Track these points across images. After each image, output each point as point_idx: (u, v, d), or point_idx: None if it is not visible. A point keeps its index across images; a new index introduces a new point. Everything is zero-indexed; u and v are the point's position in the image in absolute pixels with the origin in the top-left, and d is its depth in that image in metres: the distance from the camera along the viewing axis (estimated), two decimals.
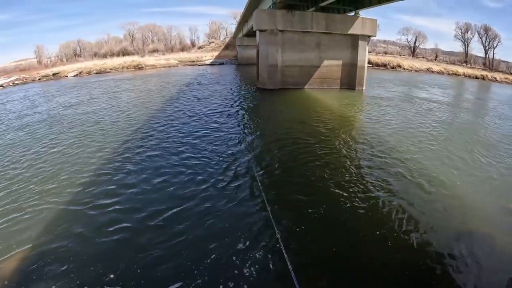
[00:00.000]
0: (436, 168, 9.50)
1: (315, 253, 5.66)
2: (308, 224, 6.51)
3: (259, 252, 5.65)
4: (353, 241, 6.01)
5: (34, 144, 12.16)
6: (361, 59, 24.73)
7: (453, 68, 50.53)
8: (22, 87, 34.08)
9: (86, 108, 18.80)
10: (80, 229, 6.55)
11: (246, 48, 49.35)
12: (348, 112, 17.00)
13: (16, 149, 11.70)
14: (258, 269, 5.24)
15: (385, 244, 5.87)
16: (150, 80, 31.79)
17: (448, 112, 18.59)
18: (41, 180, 8.86)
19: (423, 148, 11.29)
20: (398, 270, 5.23)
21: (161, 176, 8.83)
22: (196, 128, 13.27)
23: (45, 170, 9.53)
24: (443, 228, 6.44)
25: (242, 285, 4.94)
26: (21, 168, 9.88)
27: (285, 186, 8.27)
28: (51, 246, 6.03)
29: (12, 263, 5.66)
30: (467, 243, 6.00)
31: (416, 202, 7.42)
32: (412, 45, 69.87)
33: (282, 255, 5.57)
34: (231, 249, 5.72)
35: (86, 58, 63.81)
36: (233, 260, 5.44)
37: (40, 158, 10.62)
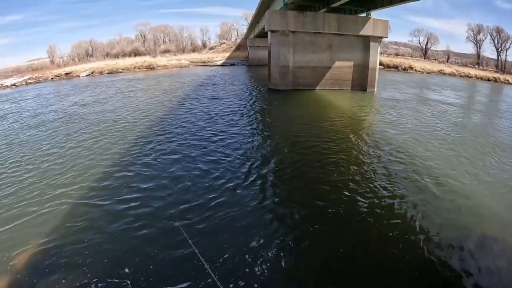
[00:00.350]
0: (450, 170, 9.46)
1: (326, 252, 5.73)
2: (318, 223, 6.58)
3: (272, 250, 5.75)
4: (365, 242, 6.05)
5: (52, 141, 12.43)
6: (373, 60, 24.63)
7: (465, 70, 49.94)
8: (35, 86, 34.60)
9: (102, 107, 19.13)
10: (97, 223, 6.73)
11: (257, 49, 49.46)
12: (359, 113, 17.00)
13: (35, 146, 11.99)
14: (269, 267, 5.33)
15: (396, 245, 5.90)
16: (162, 80, 32.10)
17: (461, 115, 18.42)
18: (59, 176, 9.10)
19: (436, 150, 11.24)
20: (408, 270, 5.27)
21: (176, 173, 9.03)
22: (210, 128, 13.44)
23: (63, 166, 9.77)
24: (455, 230, 6.43)
25: (253, 283, 5.02)
26: (39, 164, 10.13)
27: (296, 186, 8.37)
28: (67, 239, 6.21)
29: (29, 254, 5.85)
30: (479, 246, 5.99)
31: (429, 204, 7.42)
32: (423, 46, 69.35)
33: (293, 253, 5.70)
34: (243, 246, 5.83)
35: (98, 58, 64.57)
36: (246, 257, 5.54)
37: (58, 155, 10.88)
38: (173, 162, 9.80)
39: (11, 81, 38.58)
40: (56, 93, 27.33)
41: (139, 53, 60.80)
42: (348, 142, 11.72)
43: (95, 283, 5.09)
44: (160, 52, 61.04)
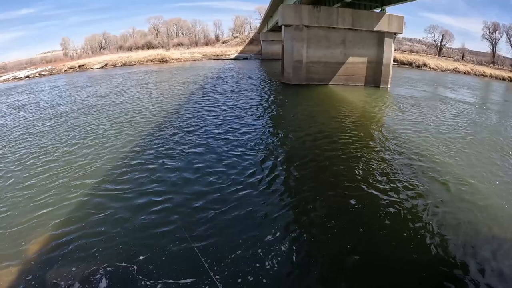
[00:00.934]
0: (468, 169, 9.40)
1: (339, 247, 5.82)
2: (334, 218, 6.68)
3: (285, 244, 5.86)
4: (379, 239, 6.09)
5: (72, 132, 12.80)
6: (387, 56, 24.38)
7: (480, 68, 49.05)
8: (49, 78, 35.21)
9: (120, 98, 19.55)
10: (115, 215, 6.92)
11: (270, 43, 49.26)
12: (373, 110, 16.95)
13: (55, 137, 12.36)
14: (281, 261, 5.45)
15: (410, 243, 5.95)
16: (177, 73, 32.40)
17: (477, 114, 18.14)
18: (79, 167, 9.38)
19: (454, 149, 11.15)
20: (419, 270, 5.31)
21: (197, 165, 9.23)
22: (227, 121, 13.69)
23: (83, 158, 10.08)
24: (469, 231, 6.41)
25: (264, 276, 5.14)
26: (59, 155, 10.45)
27: (314, 180, 8.48)
28: (83, 228, 6.42)
29: (43, 242, 6.09)
30: (492, 248, 5.96)
31: (443, 203, 7.41)
32: (438, 44, 68.22)
33: (308, 247, 5.81)
34: (258, 240, 5.94)
35: (111, 51, 65.17)
36: (258, 251, 5.65)
37: (79, 146, 11.19)
38: (193, 155, 10.01)
39: (25, 73, 39.33)
40: (72, 85, 27.82)
41: (152, 46, 61.14)
42: (362, 139, 11.76)
43: (104, 272, 5.28)
44: (173, 45, 61.25)
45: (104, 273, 5.25)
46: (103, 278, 5.16)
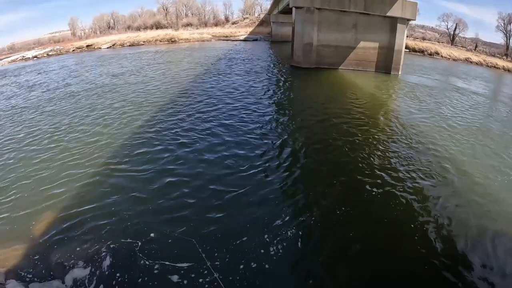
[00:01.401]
0: (477, 162, 9.29)
1: (344, 236, 5.83)
2: (339, 205, 6.66)
3: (292, 229, 5.89)
4: (385, 227, 6.09)
5: (85, 112, 12.92)
6: (399, 43, 23.85)
7: (492, 60, 47.96)
8: (57, 58, 35.13)
9: (131, 78, 19.61)
10: (126, 191, 7.04)
11: (281, 25, 48.23)
12: (384, 96, 16.76)
13: (68, 115, 12.53)
14: (285, 247, 5.48)
15: (415, 234, 5.93)
16: (187, 54, 32.16)
17: (490, 107, 17.72)
18: (91, 145, 9.53)
19: (464, 141, 10.98)
20: (422, 265, 5.28)
21: (208, 145, 9.35)
22: (236, 102, 13.73)
23: (96, 136, 10.22)
24: (476, 227, 6.34)
25: (267, 262, 5.18)
26: (72, 133, 10.64)
27: (320, 165, 8.49)
28: (94, 207, 6.55)
29: (51, 217, 6.27)
30: (500, 244, 5.90)
31: (448, 197, 7.31)
32: (451, 32, 66.77)
33: (315, 234, 5.84)
34: (265, 224, 6.01)
35: (119, 30, 64.78)
36: (263, 237, 5.70)
37: (92, 124, 11.34)
38: (209, 136, 10.07)
39: (33, 53, 39.29)
40: (80, 64, 27.86)
41: (161, 26, 60.57)
42: (374, 124, 11.72)
43: (108, 250, 5.40)
44: (182, 26, 60.63)
45: (108, 252, 5.38)
46: (107, 257, 5.28)
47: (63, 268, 5.11)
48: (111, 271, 5.06)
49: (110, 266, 5.13)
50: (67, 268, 5.11)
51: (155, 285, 4.82)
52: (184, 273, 4.95)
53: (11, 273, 5.07)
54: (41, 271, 5.08)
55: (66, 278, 4.96)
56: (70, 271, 5.06)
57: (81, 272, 5.05)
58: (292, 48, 24.20)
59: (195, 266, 5.05)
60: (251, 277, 4.91)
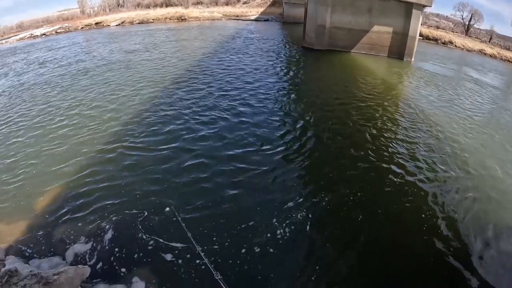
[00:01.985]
0: (488, 155, 9.14)
1: (351, 228, 5.79)
2: (345, 193, 6.67)
3: (302, 212, 5.92)
4: (393, 219, 6.07)
5: (103, 87, 12.97)
6: (413, 28, 23.35)
7: (507, 53, 46.85)
8: (65, 36, 34.65)
9: (141, 55, 19.48)
10: (134, 166, 7.21)
11: (293, 6, 46.84)
12: (396, 82, 16.55)
13: (85, 91, 12.55)
14: (293, 230, 5.52)
15: (419, 230, 5.87)
16: (198, 32, 31.65)
17: (504, 100, 17.30)
18: (105, 120, 9.67)
19: (476, 132, 10.81)
20: (430, 258, 5.26)
21: (219, 125, 9.40)
22: (249, 81, 13.71)
23: (110, 112, 10.35)
24: (483, 219, 6.30)
25: (272, 245, 5.22)
26: (87, 109, 10.67)
27: (328, 149, 8.50)
28: (98, 181, 6.73)
29: (59, 193, 6.39)
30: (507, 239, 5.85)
31: (466, 191, 7.22)
32: (466, 23, 65.40)
33: (320, 223, 5.83)
34: (272, 209, 6.01)
35: (128, 8, 63.90)
36: (272, 220, 5.73)
37: (108, 100, 11.37)
38: (221, 115, 10.08)
39: (41, 31, 38.85)
40: (91, 41, 27.56)
41: (171, 4, 59.60)
42: (381, 113, 11.53)
43: (110, 225, 5.53)
44: (192, 4, 59.53)
45: (111, 228, 5.48)
46: (109, 233, 5.39)
47: (65, 244, 5.18)
48: (111, 246, 5.13)
49: (111, 241, 5.20)
50: (68, 244, 5.17)
51: (154, 261, 4.87)
52: (180, 252, 4.99)
53: (12, 249, 5.12)
54: (42, 247, 5.13)
55: (67, 253, 5.03)
56: (71, 247, 5.12)
57: (82, 248, 5.12)
58: (304, 30, 23.82)
59: (194, 247, 5.08)
60: (254, 260, 4.91)
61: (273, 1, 60.72)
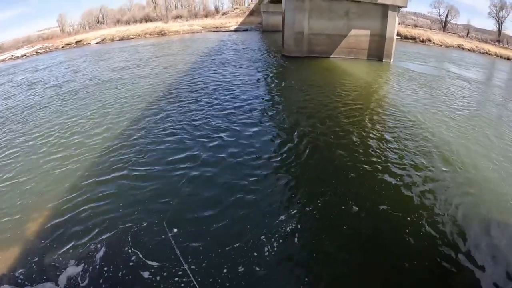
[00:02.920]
0: (472, 150, 9.14)
1: (331, 230, 5.70)
2: (331, 197, 6.56)
3: (290, 224, 5.78)
4: (374, 223, 5.92)
5: (72, 111, 13.30)
6: (391, 30, 23.66)
7: (485, 46, 48.02)
8: (46, 56, 34.28)
9: (120, 74, 19.37)
10: (125, 187, 6.91)
11: (271, 14, 47.69)
12: (375, 84, 16.58)
13: (73, 113, 12.74)
14: (282, 240, 5.37)
15: (405, 228, 5.78)
16: (177, 47, 31.53)
17: (483, 93, 17.65)
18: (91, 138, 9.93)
19: (458, 128, 10.81)
20: (417, 257, 5.16)
21: (198, 138, 9.22)
22: (231, 94, 13.49)
23: (94, 134, 10.43)
24: (470, 215, 6.24)
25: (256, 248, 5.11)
26: (71, 132, 11.05)
27: (310, 156, 8.28)
28: (94, 201, 6.47)
29: (49, 217, 6.17)
30: (494, 233, 5.81)
31: (443, 186, 7.18)
32: (443, 19, 66.70)
33: (310, 231, 5.67)
34: (257, 223, 5.83)
35: (108, 25, 63.79)
36: (259, 233, 5.55)
37: (85, 124, 11.88)
38: (201, 129, 9.85)
39: (22, 52, 38.44)
40: (68, 62, 27.05)
41: (151, 19, 59.82)
42: (363, 115, 11.45)
43: (100, 248, 5.28)
44: (171, 18, 59.92)
45: (102, 250, 5.25)
46: (101, 255, 5.17)
47: (57, 269, 5.01)
48: (103, 267, 4.95)
49: (103, 262, 5.03)
50: (61, 268, 5.01)
51: (144, 279, 4.71)
52: (170, 271, 4.82)
53: (5, 277, 4.96)
54: (35, 274, 4.96)
55: (60, 278, 4.87)
56: (64, 271, 4.96)
57: (75, 271, 4.95)
58: (283, 38, 23.92)
59: (181, 267, 4.90)
60: (243, 278, 4.75)
61: (252, 11, 61.26)
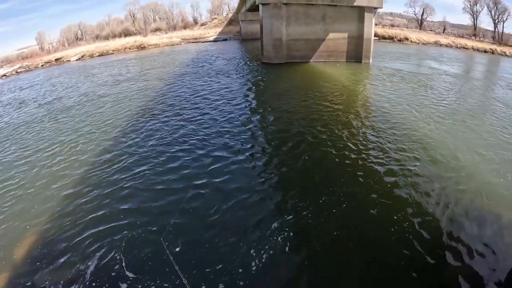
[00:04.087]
0: (446, 142, 9.22)
1: (318, 232, 5.61)
2: (310, 200, 6.46)
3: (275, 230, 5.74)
4: (358, 222, 5.87)
5: (51, 134, 12.71)
6: (368, 31, 24.05)
7: (461, 41, 49.27)
8: (26, 75, 33.42)
9: (101, 91, 19.23)
10: (112, 207, 6.63)
11: (249, 23, 48.16)
12: (354, 85, 16.69)
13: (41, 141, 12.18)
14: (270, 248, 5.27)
15: (389, 223, 5.76)
16: (157, 61, 30.78)
17: (459, 86, 18.03)
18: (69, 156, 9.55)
19: (432, 122, 10.92)
20: (401, 251, 5.13)
21: (178, 154, 8.97)
22: (204, 104, 13.34)
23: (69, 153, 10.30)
24: (452, 207, 6.25)
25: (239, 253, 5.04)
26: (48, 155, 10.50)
27: (292, 165, 8.14)
28: (81, 223, 6.19)
29: (38, 239, 6.06)
30: (476, 223, 5.84)
31: (425, 179, 7.21)
32: (419, 17, 68.09)
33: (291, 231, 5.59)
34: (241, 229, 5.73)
35: (87, 41, 63.19)
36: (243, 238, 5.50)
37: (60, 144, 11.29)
38: (181, 143, 9.61)
39: (1, 72, 37.64)
40: (48, 81, 26.29)
41: (130, 33, 59.49)
42: (344, 116, 11.44)
43: (92, 267, 5.07)
44: (150, 31, 59.78)
45: (92, 271, 5.02)
46: (91, 276, 4.94)
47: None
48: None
49: (96, 279, 4.85)
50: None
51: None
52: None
53: None
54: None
55: None
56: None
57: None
58: (262, 45, 23.95)
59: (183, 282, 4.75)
60: None
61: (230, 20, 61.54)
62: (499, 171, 7.74)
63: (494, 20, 62.04)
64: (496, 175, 7.56)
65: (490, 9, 62.24)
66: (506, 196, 6.76)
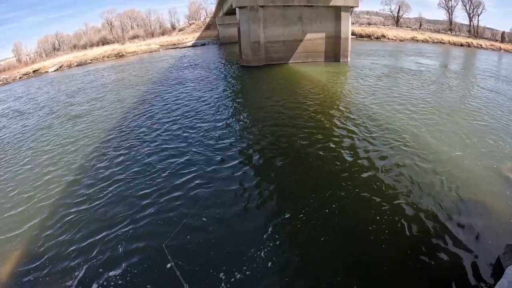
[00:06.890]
0: (426, 136, 9.36)
1: (306, 233, 5.56)
2: (298, 202, 6.37)
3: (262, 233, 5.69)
4: (347, 218, 5.85)
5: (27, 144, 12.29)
6: (345, 30, 24.31)
7: (438, 36, 50.30)
8: (4, 88, 32.30)
9: (79, 102, 18.72)
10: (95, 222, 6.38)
11: (227, 26, 48.34)
12: (333, 84, 16.79)
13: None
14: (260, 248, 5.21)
15: (376, 214, 5.79)
16: (135, 68, 30.34)
17: (436, 80, 18.37)
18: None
19: (412, 117, 11.08)
20: (388, 242, 5.14)
21: (160, 158, 8.87)
22: (188, 109, 13.25)
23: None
24: (437, 196, 6.34)
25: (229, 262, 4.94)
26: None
27: (273, 166, 8.06)
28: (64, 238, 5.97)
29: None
30: (462, 211, 5.92)
31: (408, 172, 7.30)
32: (395, 15, 69.28)
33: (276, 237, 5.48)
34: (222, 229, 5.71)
35: (65, 51, 61.92)
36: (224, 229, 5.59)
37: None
38: (162, 150, 9.42)
39: None
40: (27, 93, 25.62)
41: (107, 42, 58.57)
42: (324, 115, 11.49)
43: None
44: (128, 39, 59.00)
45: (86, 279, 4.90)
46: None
47: None
48: None
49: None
50: None
51: None
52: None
53: None
54: None
55: None
56: None
57: None
58: (240, 49, 23.88)
59: None
60: None
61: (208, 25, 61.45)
62: (472, 153, 8.20)
63: (469, 14, 63.73)
64: (469, 156, 7.97)
65: (464, 3, 63.96)
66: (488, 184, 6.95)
